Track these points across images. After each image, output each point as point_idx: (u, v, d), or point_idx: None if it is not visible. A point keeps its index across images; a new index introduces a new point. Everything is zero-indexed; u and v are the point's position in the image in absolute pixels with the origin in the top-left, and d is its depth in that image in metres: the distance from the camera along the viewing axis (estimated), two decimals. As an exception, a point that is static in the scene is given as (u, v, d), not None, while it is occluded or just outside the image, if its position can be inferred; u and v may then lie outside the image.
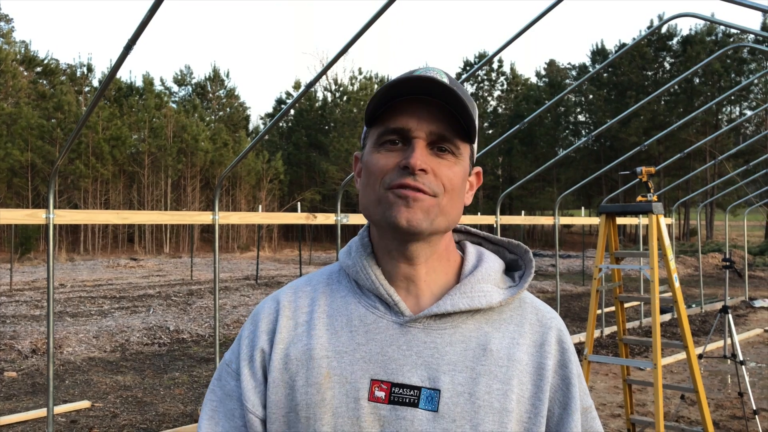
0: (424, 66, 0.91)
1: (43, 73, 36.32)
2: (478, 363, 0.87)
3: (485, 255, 0.97)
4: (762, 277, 18.30)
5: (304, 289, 0.97)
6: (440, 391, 0.85)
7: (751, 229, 32.93)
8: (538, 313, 0.95)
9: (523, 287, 0.94)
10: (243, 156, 5.44)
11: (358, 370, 0.86)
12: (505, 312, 0.93)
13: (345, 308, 0.92)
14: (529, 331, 0.92)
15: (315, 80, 5.25)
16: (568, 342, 0.94)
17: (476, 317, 0.90)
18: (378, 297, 0.91)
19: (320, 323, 0.92)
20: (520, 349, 0.89)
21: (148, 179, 34.27)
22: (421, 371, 0.85)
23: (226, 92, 44.65)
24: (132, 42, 3.66)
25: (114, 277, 18.22)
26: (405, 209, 0.85)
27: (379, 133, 0.89)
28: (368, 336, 0.88)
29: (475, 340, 0.88)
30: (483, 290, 0.91)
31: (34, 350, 8.06)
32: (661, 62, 38.65)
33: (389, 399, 0.85)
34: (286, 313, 0.94)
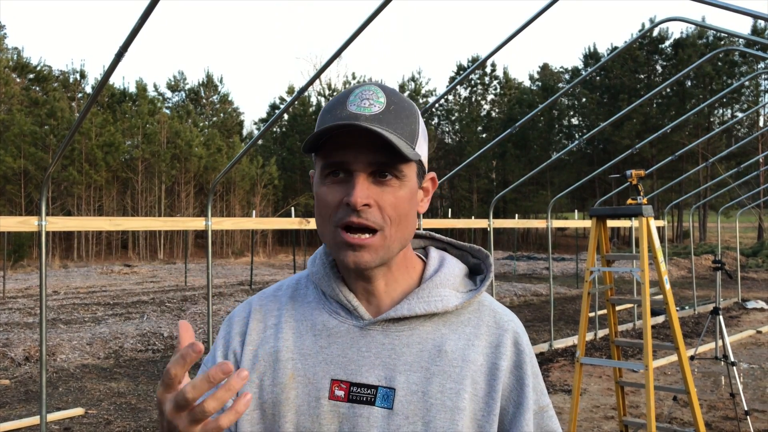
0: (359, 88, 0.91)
1: (36, 80, 36.24)
2: (432, 363, 0.91)
3: (446, 260, 1.01)
4: (755, 279, 18.38)
5: (275, 295, 1.04)
6: (395, 390, 0.89)
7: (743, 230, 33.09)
8: (496, 316, 0.97)
9: (480, 291, 0.97)
10: (236, 161, 5.45)
11: (320, 371, 0.92)
12: (463, 315, 0.96)
13: (310, 313, 0.98)
14: (485, 333, 0.95)
15: (308, 84, 5.27)
16: (524, 344, 0.97)
17: (434, 320, 0.94)
18: (339, 303, 0.96)
19: (287, 327, 0.97)
20: (475, 350, 0.93)
21: (141, 185, 34.19)
22: (378, 371, 0.90)
23: (220, 98, 44.64)
24: (124, 49, 3.67)
25: (108, 283, 18.16)
26: (352, 254, 0.89)
27: (321, 166, 0.92)
28: (330, 339, 0.94)
29: (432, 341, 0.92)
30: (440, 295, 0.94)
31: (27, 357, 8.02)
32: (653, 65, 38.87)
33: (348, 398, 0.90)
34: (256, 317, 1.01)
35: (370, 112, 0.88)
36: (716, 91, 33.66)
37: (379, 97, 0.89)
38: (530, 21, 5.21)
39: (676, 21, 6.00)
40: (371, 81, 0.92)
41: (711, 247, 25.59)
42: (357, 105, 0.88)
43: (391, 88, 0.93)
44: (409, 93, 44.32)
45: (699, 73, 34.38)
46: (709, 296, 13.74)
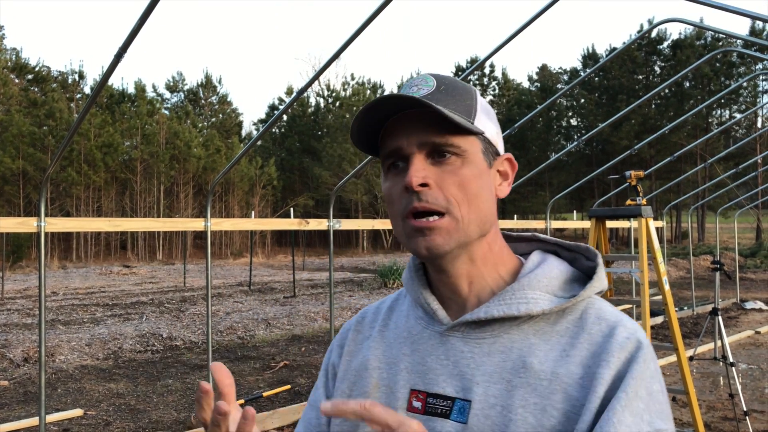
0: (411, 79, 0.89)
1: (35, 81, 36.23)
2: (515, 375, 0.80)
3: (546, 261, 0.89)
4: (753, 279, 18.39)
5: (378, 306, 1.02)
6: (471, 402, 0.81)
7: (741, 231, 33.11)
8: (602, 324, 0.82)
9: (580, 296, 0.84)
10: (235, 162, 5.46)
11: (401, 380, 0.87)
12: (561, 323, 0.84)
13: (402, 321, 0.94)
14: (585, 342, 0.81)
15: (307, 85, 5.27)
16: (641, 356, 0.79)
17: (523, 327, 0.84)
18: (422, 308, 0.91)
19: (380, 336, 0.95)
20: (569, 360, 0.80)
21: (140, 186, 34.18)
22: (455, 381, 0.83)
23: (219, 98, 44.66)
24: (123, 50, 3.67)
25: (106, 284, 18.15)
26: (422, 239, 0.83)
27: (382, 160, 0.88)
28: (413, 347, 0.89)
29: (517, 351, 0.82)
30: (526, 297, 0.83)
31: (26, 359, 8.02)
32: (652, 66, 38.93)
33: (425, 409, 0.84)
34: (357, 328, 1.00)
35: (418, 94, 0.83)
36: (714, 92, 33.71)
37: (428, 82, 0.85)
38: (529, 22, 5.22)
39: (675, 22, 6.01)
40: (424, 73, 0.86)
41: (709, 247, 25.62)
42: (405, 91, 0.85)
43: (445, 75, 0.88)
44: (407, 94, 44.32)
45: (697, 74, 34.43)
46: (708, 297, 13.76)
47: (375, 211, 40.51)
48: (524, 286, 0.84)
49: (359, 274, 21.15)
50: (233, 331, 9.97)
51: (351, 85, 43.67)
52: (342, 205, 40.80)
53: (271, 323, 10.62)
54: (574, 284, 0.88)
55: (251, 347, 8.99)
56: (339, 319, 11.17)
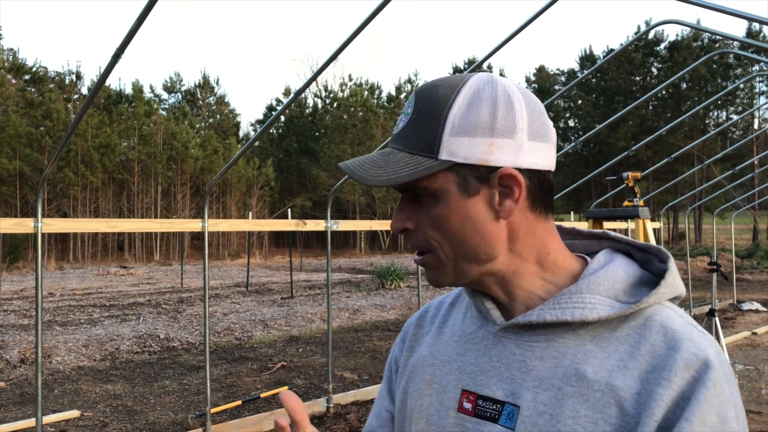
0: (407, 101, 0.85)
1: (32, 81, 36.17)
2: (567, 383, 0.76)
3: (613, 261, 0.83)
4: (750, 280, 18.43)
5: (442, 300, 1.01)
6: (520, 408, 0.78)
7: (738, 232, 33.20)
8: (668, 334, 0.75)
9: (642, 301, 0.77)
10: (233, 163, 5.45)
11: (453, 380, 0.86)
12: (621, 329, 0.77)
13: (459, 319, 0.93)
14: (646, 354, 0.74)
15: (305, 86, 5.27)
16: (709, 378, 0.70)
17: (579, 332, 0.78)
18: (477, 307, 0.89)
19: (437, 332, 0.95)
20: (627, 373, 0.74)
21: (138, 187, 34.15)
22: (506, 385, 0.80)
23: (216, 99, 44.63)
24: (120, 50, 3.67)
25: (104, 285, 18.12)
26: (425, 272, 0.86)
27: None
28: (467, 346, 0.87)
29: (571, 357, 0.77)
30: (583, 301, 0.78)
31: (23, 360, 8.00)
32: (649, 67, 39.02)
33: (474, 412, 0.82)
34: (418, 322, 1.00)
35: (396, 130, 0.83)
36: (711, 93, 33.81)
37: (409, 108, 0.82)
38: (527, 23, 5.22)
39: (672, 24, 6.03)
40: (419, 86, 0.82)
41: (706, 248, 25.66)
42: (397, 123, 0.84)
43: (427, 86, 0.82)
44: (405, 95, 44.35)
45: (694, 76, 34.52)
46: (705, 297, 13.78)
47: (372, 212, 40.52)
48: (582, 289, 0.79)
49: (357, 275, 21.15)
50: (230, 332, 9.96)
51: (349, 86, 43.69)
52: (340, 206, 40.80)
53: (269, 324, 10.61)
54: (643, 288, 0.80)
55: (248, 348, 8.98)
56: (336, 320, 11.17)
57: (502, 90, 0.79)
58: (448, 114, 0.78)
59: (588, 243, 0.91)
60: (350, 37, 4.52)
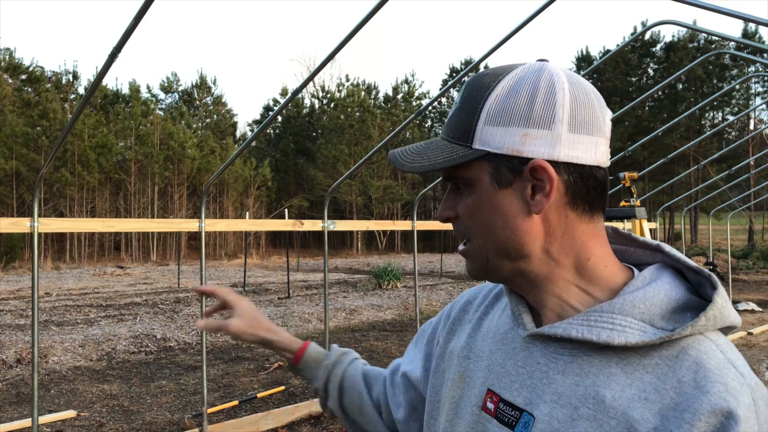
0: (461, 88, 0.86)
1: (28, 81, 36.08)
2: (584, 404, 0.72)
3: (659, 280, 0.76)
4: (745, 281, 18.49)
5: (491, 289, 1.00)
6: (535, 419, 0.76)
7: (734, 233, 33.29)
8: (699, 372, 0.68)
9: (675, 332, 0.71)
10: (229, 163, 5.45)
11: (481, 377, 0.86)
12: (652, 356, 0.72)
13: (497, 315, 0.92)
14: (670, 389, 0.68)
15: (302, 86, 5.27)
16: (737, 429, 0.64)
17: (607, 353, 0.73)
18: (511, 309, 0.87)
19: (477, 324, 0.95)
20: (647, 405, 0.69)
21: (134, 187, 34.10)
22: (526, 392, 0.78)
23: (213, 99, 44.59)
24: (117, 50, 3.67)
25: (100, 285, 18.09)
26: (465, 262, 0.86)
27: None
28: (498, 345, 0.86)
29: (593, 377, 0.73)
30: (613, 322, 0.73)
31: (19, 360, 7.98)
32: (645, 68, 39.09)
33: (496, 414, 0.81)
34: (465, 307, 1.00)
35: (446, 119, 0.84)
36: (707, 94, 33.90)
37: (459, 95, 0.83)
38: (523, 24, 5.24)
39: (668, 24, 6.04)
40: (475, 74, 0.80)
41: (702, 249, 25.72)
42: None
43: (479, 75, 0.80)
44: (402, 95, 44.38)
45: (690, 77, 34.60)
46: (701, 298, 13.79)
47: (369, 213, 40.52)
48: (615, 309, 0.74)
49: (354, 275, 21.15)
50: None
51: (346, 87, 43.67)
52: (336, 206, 40.78)
53: (266, 324, 10.59)
54: (686, 314, 0.74)
55: (245, 348, 8.98)
56: (333, 320, 11.17)
57: (547, 78, 0.76)
58: (485, 102, 0.77)
59: (642, 253, 0.84)
60: (347, 37, 4.53)
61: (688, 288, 0.77)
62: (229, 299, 1.22)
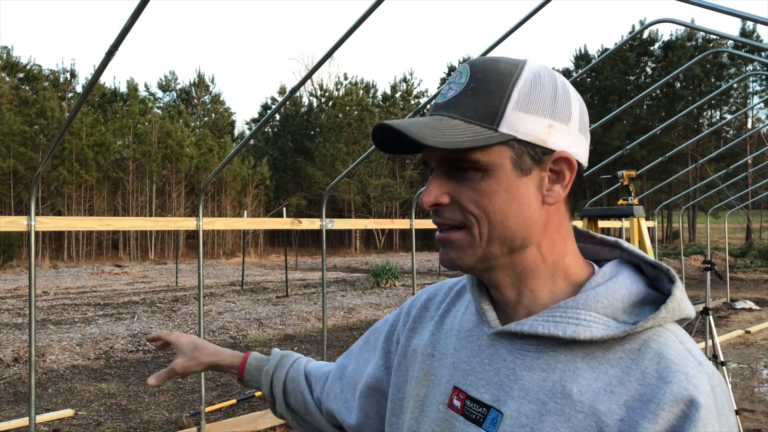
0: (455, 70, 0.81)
1: (26, 79, 36.00)
2: (552, 399, 0.74)
3: (619, 276, 0.79)
4: (743, 279, 18.51)
5: (451, 286, 0.99)
6: (503, 415, 0.76)
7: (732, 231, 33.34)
8: (661, 363, 0.71)
9: (638, 325, 0.73)
10: (227, 161, 5.44)
11: (447, 374, 0.86)
12: (615, 351, 0.74)
13: (460, 312, 0.92)
14: (635, 381, 0.71)
15: (300, 84, 5.26)
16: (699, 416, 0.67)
17: (572, 348, 0.75)
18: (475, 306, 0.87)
19: (440, 321, 0.94)
20: (613, 398, 0.71)
21: (132, 185, 34.06)
22: (493, 389, 0.79)
23: (211, 98, 44.52)
24: (114, 48, 3.65)
25: (98, 284, 18.06)
26: (444, 250, 0.80)
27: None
28: (463, 343, 0.86)
29: (560, 372, 0.74)
30: (578, 317, 0.74)
31: (16, 358, 7.97)
32: (643, 67, 39.12)
33: (463, 411, 0.81)
34: (426, 305, 0.99)
35: (445, 99, 0.78)
36: (705, 92, 33.92)
37: (462, 78, 0.78)
38: (522, 22, 5.23)
39: (666, 23, 6.04)
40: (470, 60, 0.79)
41: (700, 247, 25.76)
42: (442, 93, 0.79)
43: (486, 59, 0.79)
44: (401, 94, 44.36)
45: (688, 75, 34.62)
46: (699, 296, 13.83)
47: (368, 211, 40.52)
48: (579, 304, 0.75)
49: (352, 274, 21.15)
50: (225, 331, 9.94)
51: (344, 85, 43.63)
52: (335, 204, 40.77)
53: (264, 323, 10.60)
54: (646, 308, 0.76)
55: (243, 347, 8.97)
56: (331, 318, 11.16)
57: (560, 77, 0.79)
58: (514, 87, 0.76)
59: (600, 249, 0.87)
60: (345, 36, 4.52)
61: (647, 282, 0.79)
62: (169, 340, 1.30)
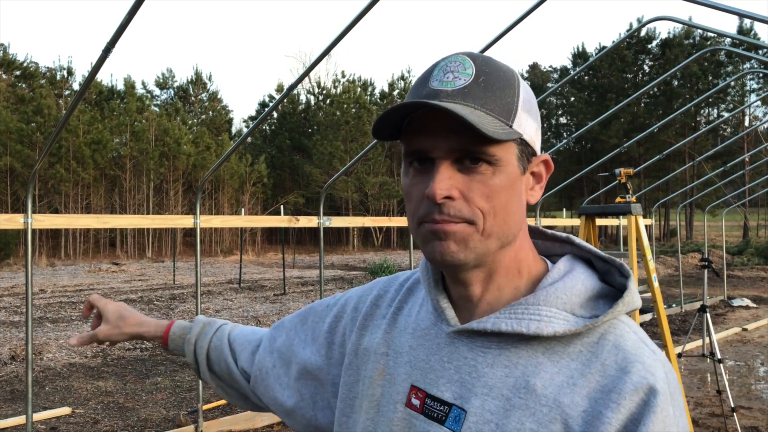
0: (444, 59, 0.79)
1: (23, 77, 35.89)
2: (516, 394, 0.75)
3: (573, 272, 0.81)
4: (740, 277, 18.55)
5: (402, 283, 0.98)
6: (467, 413, 0.77)
7: (729, 229, 33.39)
8: (619, 354, 0.74)
9: (598, 320, 0.75)
10: (225, 159, 5.43)
11: (403, 373, 0.85)
12: (575, 345, 0.76)
13: (414, 310, 0.91)
14: (596, 373, 0.73)
15: (297, 81, 5.25)
16: (658, 402, 0.70)
17: (533, 344, 0.77)
18: (432, 304, 0.86)
19: (392, 319, 0.92)
20: (575, 390, 0.73)
21: (129, 183, 33.98)
22: (455, 387, 0.79)
23: (209, 95, 44.44)
24: (111, 45, 3.64)
25: (95, 281, 18.03)
26: (438, 243, 0.76)
27: (403, 154, 0.80)
28: (420, 341, 0.85)
29: (522, 368, 0.76)
30: (539, 314, 0.76)
31: (13, 357, 7.95)
32: (641, 65, 39.14)
33: (422, 409, 0.81)
34: (376, 302, 0.97)
35: (453, 86, 0.75)
36: (703, 90, 33.96)
37: (466, 68, 0.76)
38: (519, 20, 5.22)
39: (664, 20, 6.04)
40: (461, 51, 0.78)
41: (698, 245, 25.80)
42: (440, 80, 0.76)
43: (483, 55, 0.78)
44: (398, 91, 44.32)
45: (686, 73, 34.66)
46: (696, 294, 13.85)
47: (365, 209, 40.50)
48: (540, 301, 0.77)
49: (349, 272, 21.14)
50: (223, 329, 9.93)
51: (342, 83, 43.56)
52: (332, 202, 40.75)
53: (261, 321, 10.59)
54: (600, 301, 0.79)
55: (241, 345, 8.96)
56: (329, 316, 11.15)
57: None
58: (520, 87, 0.78)
59: (551, 245, 0.89)
60: (342, 33, 4.51)
61: (599, 277, 0.82)
62: (97, 305, 1.25)
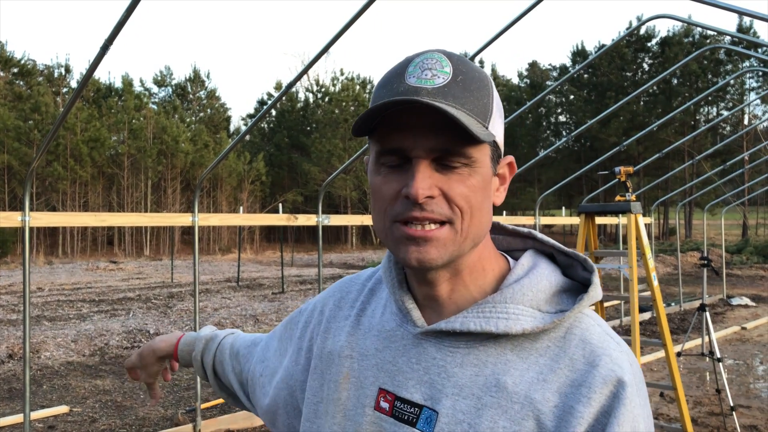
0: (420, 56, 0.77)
1: (20, 74, 35.82)
2: (487, 393, 0.75)
3: (537, 268, 0.81)
4: (739, 275, 18.57)
5: (364, 283, 0.96)
6: (438, 414, 0.76)
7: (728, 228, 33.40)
8: (587, 348, 0.75)
9: (566, 315, 0.76)
10: (223, 157, 5.41)
11: (371, 376, 0.84)
12: (542, 341, 0.77)
13: (378, 311, 0.89)
14: (565, 368, 0.74)
15: (296, 80, 5.23)
16: (626, 394, 0.72)
17: (501, 341, 0.77)
18: (397, 305, 0.85)
19: (356, 321, 0.91)
20: (546, 386, 0.74)
21: (127, 181, 33.95)
22: (425, 388, 0.78)
23: (207, 93, 44.39)
24: (109, 42, 3.62)
25: (93, 280, 18.00)
26: (415, 249, 0.75)
27: (376, 151, 0.77)
28: (386, 343, 0.84)
29: (492, 366, 0.76)
30: (507, 312, 0.76)
31: (11, 355, 7.93)
32: (640, 63, 39.14)
33: (392, 412, 0.80)
34: (339, 304, 0.96)
35: (433, 84, 0.73)
36: (702, 89, 33.96)
37: (444, 66, 0.75)
38: (519, 18, 5.21)
39: (663, 18, 6.03)
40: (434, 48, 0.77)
41: (697, 244, 25.81)
42: (417, 77, 0.74)
43: (458, 54, 0.78)
44: (397, 89, 44.26)
45: (685, 72, 34.65)
46: (695, 293, 13.85)
47: (364, 207, 40.48)
48: (507, 299, 0.77)
49: (348, 270, 21.13)
50: (221, 327, 9.91)
51: (340, 81, 43.54)
52: (331, 200, 40.73)
53: (260, 319, 10.57)
54: (563, 296, 0.80)
55: (239, 343, 8.95)
56: (328, 315, 11.13)
57: None
58: (493, 90, 0.78)
59: (512, 240, 0.89)
60: (341, 31, 4.49)
61: (561, 271, 0.83)
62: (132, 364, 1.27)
